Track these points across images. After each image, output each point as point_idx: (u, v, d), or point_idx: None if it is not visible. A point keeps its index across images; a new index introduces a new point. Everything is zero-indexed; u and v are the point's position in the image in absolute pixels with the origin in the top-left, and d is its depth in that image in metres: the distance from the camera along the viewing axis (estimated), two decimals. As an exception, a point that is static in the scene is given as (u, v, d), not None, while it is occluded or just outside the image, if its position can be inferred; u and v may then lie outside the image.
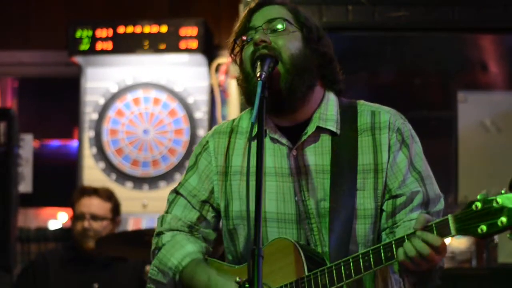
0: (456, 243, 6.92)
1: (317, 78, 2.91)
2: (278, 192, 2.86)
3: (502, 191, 2.42)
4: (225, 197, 2.96)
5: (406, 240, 2.56)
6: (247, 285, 2.40)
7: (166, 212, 3.06)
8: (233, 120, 3.07)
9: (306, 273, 2.70)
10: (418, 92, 7.73)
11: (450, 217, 2.52)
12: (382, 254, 2.60)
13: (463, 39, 7.33)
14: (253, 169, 2.58)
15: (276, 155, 2.88)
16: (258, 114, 2.59)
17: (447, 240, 7.23)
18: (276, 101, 2.80)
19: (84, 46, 6.66)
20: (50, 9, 7.07)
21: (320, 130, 2.88)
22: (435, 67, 7.71)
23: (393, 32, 6.52)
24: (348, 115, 2.91)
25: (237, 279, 2.51)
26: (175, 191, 3.06)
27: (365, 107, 2.94)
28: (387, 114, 2.90)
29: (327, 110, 2.90)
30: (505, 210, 2.40)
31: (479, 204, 2.45)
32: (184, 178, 3.05)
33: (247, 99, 2.91)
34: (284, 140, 2.89)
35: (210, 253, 3.02)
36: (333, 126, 2.88)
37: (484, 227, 2.44)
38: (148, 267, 4.66)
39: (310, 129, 2.87)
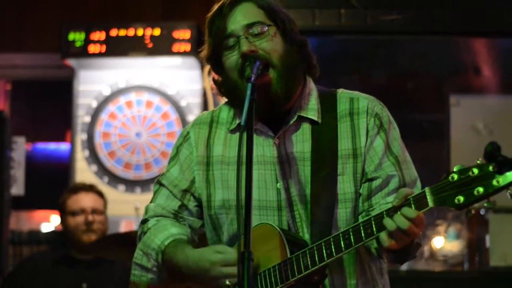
0: (449, 246, 6.93)
1: (300, 70, 2.94)
2: (260, 179, 2.89)
3: (478, 161, 2.42)
4: (207, 186, 2.98)
5: (385, 216, 2.58)
6: (236, 288, 2.40)
7: (151, 202, 3.10)
8: (213, 111, 3.09)
9: (289, 256, 2.72)
10: (410, 95, 7.75)
11: (427, 189, 2.52)
12: (362, 231, 2.62)
13: (455, 43, 7.36)
14: (236, 160, 2.61)
15: (258, 144, 2.90)
16: (248, 117, 2.59)
17: (440, 243, 7.22)
18: (271, 107, 2.85)
19: (77, 48, 6.65)
20: (43, 11, 7.06)
21: (301, 119, 2.91)
22: (428, 71, 7.73)
23: (385, 36, 6.53)
24: (328, 104, 2.94)
25: (227, 282, 2.51)
26: (158, 182, 3.09)
27: (344, 94, 2.97)
28: (366, 100, 2.93)
29: (308, 100, 2.93)
30: (481, 180, 2.40)
31: (455, 175, 2.45)
32: (166, 169, 3.09)
33: (235, 104, 2.95)
34: (266, 130, 2.91)
35: (195, 242, 3.03)
36: (314, 115, 2.91)
37: (461, 198, 2.44)
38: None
39: (292, 118, 2.89)
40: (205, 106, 6.70)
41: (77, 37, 6.66)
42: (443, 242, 6.91)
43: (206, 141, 3.01)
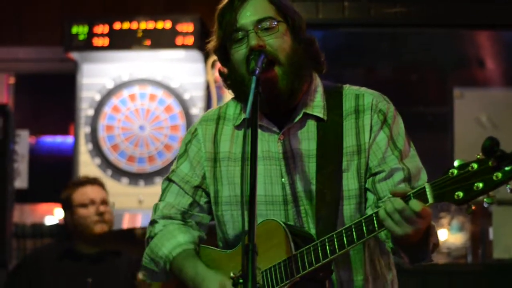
0: (452, 239, 6.93)
1: (308, 67, 2.93)
2: (266, 175, 2.89)
3: (478, 156, 2.39)
4: (215, 183, 2.99)
5: (385, 203, 2.58)
6: (240, 281, 2.40)
7: (160, 200, 3.10)
8: (220, 107, 3.09)
9: (293, 252, 2.73)
10: (414, 88, 7.75)
11: (427, 185, 2.50)
12: (364, 228, 2.61)
13: (459, 36, 7.34)
14: (241, 155, 2.62)
15: (263, 140, 2.91)
16: (252, 110, 2.58)
17: (444, 235, 7.19)
18: (275, 103, 2.84)
19: (80, 42, 6.65)
20: (46, 4, 7.06)
21: (306, 116, 2.90)
22: (432, 63, 7.72)
23: (389, 28, 6.52)
24: (333, 100, 2.94)
25: (231, 274, 2.52)
26: (168, 179, 3.09)
27: (350, 91, 2.96)
28: (370, 96, 2.93)
29: (314, 97, 2.92)
30: (480, 175, 2.37)
31: (455, 171, 2.43)
32: (175, 166, 3.08)
33: (241, 98, 2.94)
34: (271, 126, 2.91)
35: (203, 241, 3.05)
36: (320, 112, 2.90)
37: (460, 193, 2.41)
38: (140, 275, 4.67)
39: (297, 115, 2.89)
40: (208, 99, 6.70)
41: (80, 30, 6.66)
42: (447, 235, 6.90)
43: (213, 137, 3.01)
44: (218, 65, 3.05)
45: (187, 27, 6.55)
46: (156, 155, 6.72)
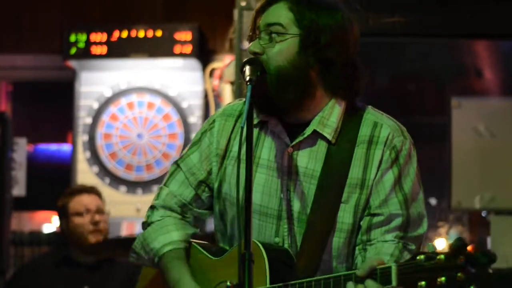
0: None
1: (315, 86, 2.80)
2: (266, 185, 2.83)
3: (447, 249, 2.29)
4: (220, 179, 2.92)
5: (352, 279, 2.49)
6: (238, 291, 2.38)
7: (164, 184, 3.03)
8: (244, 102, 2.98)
9: (267, 285, 2.65)
10: (412, 98, 7.75)
11: (393, 266, 2.38)
12: (331, 286, 2.54)
13: (457, 45, 7.34)
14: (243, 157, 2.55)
15: (272, 148, 2.84)
16: (247, 118, 2.56)
17: (442, 245, 7.19)
18: (265, 104, 2.78)
19: (78, 50, 6.66)
20: (44, 13, 7.07)
21: (318, 134, 2.80)
22: (430, 73, 7.72)
23: (387, 38, 6.52)
24: (351, 124, 2.82)
25: (228, 283, 2.49)
26: (176, 163, 3.03)
27: (369, 117, 2.84)
28: (388, 129, 2.80)
29: (330, 116, 2.80)
30: (445, 270, 2.27)
31: (422, 257, 2.32)
32: (186, 152, 3.02)
33: None
34: (284, 136, 2.83)
35: (198, 236, 3.00)
36: (329, 134, 2.79)
37: (423, 284, 2.30)
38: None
39: (307, 131, 2.80)
40: (206, 108, 6.71)
41: (78, 38, 6.67)
42: (445, 244, 6.90)
43: (230, 135, 2.94)
44: (216, 73, 3.03)
45: (185, 35, 6.56)
46: (154, 164, 6.72)
